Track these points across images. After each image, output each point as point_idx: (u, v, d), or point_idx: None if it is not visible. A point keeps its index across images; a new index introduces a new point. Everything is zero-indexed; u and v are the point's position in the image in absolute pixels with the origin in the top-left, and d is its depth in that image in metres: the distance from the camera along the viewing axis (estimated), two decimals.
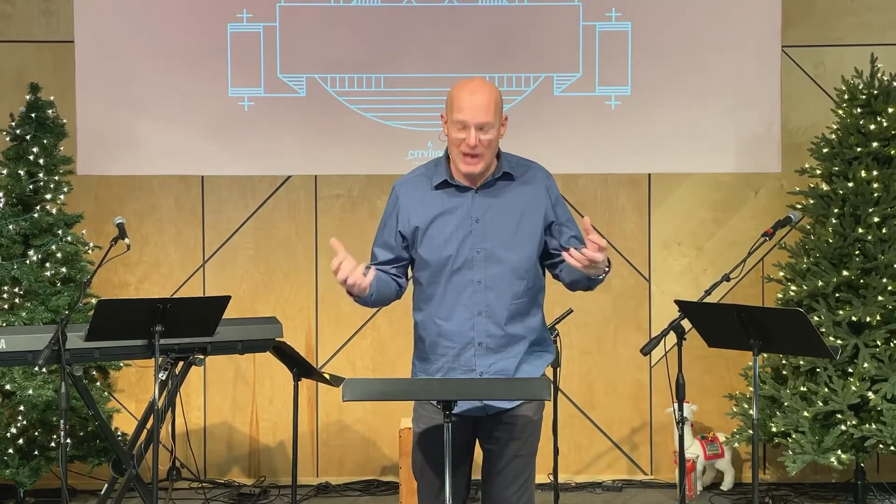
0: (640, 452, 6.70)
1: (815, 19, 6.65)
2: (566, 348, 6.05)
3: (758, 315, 4.45)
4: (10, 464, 5.77)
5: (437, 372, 3.84)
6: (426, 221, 3.79)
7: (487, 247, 3.75)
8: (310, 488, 6.51)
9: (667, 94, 6.60)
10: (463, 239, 3.76)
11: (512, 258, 3.76)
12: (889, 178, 5.96)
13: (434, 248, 3.78)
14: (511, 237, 3.77)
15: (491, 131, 3.69)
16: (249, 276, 6.69)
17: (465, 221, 3.77)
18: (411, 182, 3.88)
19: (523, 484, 3.88)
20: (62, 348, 4.69)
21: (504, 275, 3.76)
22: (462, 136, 3.68)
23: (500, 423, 3.84)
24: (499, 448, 3.85)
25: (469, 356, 3.79)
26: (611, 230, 6.67)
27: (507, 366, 3.79)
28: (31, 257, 5.93)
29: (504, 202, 3.78)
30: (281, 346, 5.42)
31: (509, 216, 3.78)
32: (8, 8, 6.64)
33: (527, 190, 3.81)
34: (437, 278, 3.79)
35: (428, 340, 3.86)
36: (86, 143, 6.57)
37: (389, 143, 6.59)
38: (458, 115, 3.68)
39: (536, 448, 3.92)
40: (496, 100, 3.72)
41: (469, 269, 3.75)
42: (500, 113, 3.74)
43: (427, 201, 3.80)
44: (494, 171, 3.80)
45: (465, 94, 3.69)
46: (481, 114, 3.66)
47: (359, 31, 6.60)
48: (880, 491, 6.28)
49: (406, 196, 3.84)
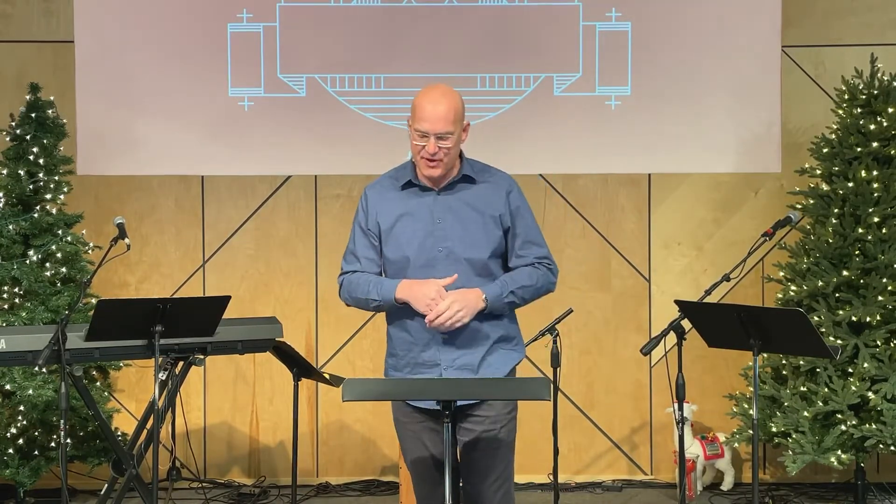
0: (640, 452, 6.70)
1: (815, 19, 6.65)
2: (566, 348, 6.04)
3: (758, 315, 4.45)
4: (10, 464, 5.77)
5: (404, 367, 3.97)
6: (391, 221, 3.99)
7: (448, 245, 3.92)
8: (310, 488, 6.51)
9: (667, 94, 6.59)
10: (425, 238, 3.93)
11: (472, 257, 3.91)
12: (889, 178, 5.96)
13: (398, 247, 3.96)
14: (470, 236, 3.93)
15: (450, 139, 3.89)
16: (249, 276, 6.69)
17: (427, 221, 3.95)
18: (379, 184, 4.12)
19: (499, 477, 3.96)
20: (62, 348, 4.69)
21: (465, 272, 3.90)
22: (423, 144, 3.91)
23: (469, 416, 3.92)
24: (471, 442, 3.93)
25: (433, 352, 3.91)
26: (611, 230, 6.67)
27: (471, 360, 3.91)
28: (31, 257, 5.93)
29: (464, 203, 3.97)
30: (281, 346, 5.42)
31: (468, 216, 3.95)
32: (8, 8, 6.64)
33: (486, 192, 3.99)
34: (401, 276, 3.94)
35: (395, 337, 4.00)
36: (86, 143, 6.57)
37: (389, 143, 6.58)
38: (420, 126, 3.90)
39: (512, 441, 4.01)
40: (457, 109, 3.91)
41: (432, 267, 3.91)
42: (460, 121, 3.93)
43: (393, 201, 4.02)
44: (456, 174, 3.99)
45: (426, 103, 3.91)
46: (440, 124, 3.87)
47: (359, 31, 6.60)
48: (880, 491, 6.28)
49: (374, 197, 4.08)
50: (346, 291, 4.02)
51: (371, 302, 3.93)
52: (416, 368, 3.93)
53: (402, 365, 3.96)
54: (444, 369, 3.89)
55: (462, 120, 3.95)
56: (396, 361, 3.99)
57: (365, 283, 3.95)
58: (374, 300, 3.92)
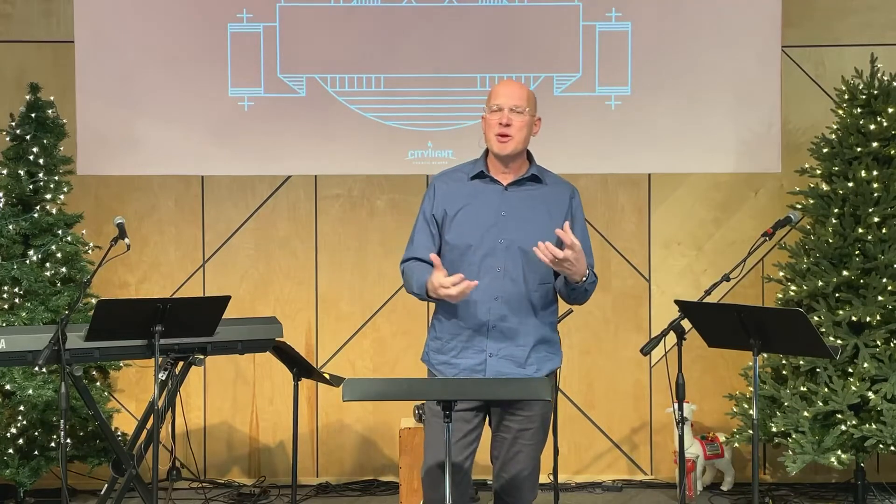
0: (640, 452, 6.70)
1: (815, 19, 6.65)
2: (566, 348, 5.97)
3: (758, 315, 4.45)
4: (10, 464, 5.77)
5: (450, 351, 4.08)
6: (456, 209, 4.10)
7: (509, 237, 4.03)
8: (310, 488, 6.51)
9: (667, 93, 6.59)
10: (488, 228, 4.05)
11: (530, 253, 3.98)
12: (889, 178, 5.96)
13: (461, 234, 4.08)
14: (532, 231, 4.01)
15: (523, 115, 4.05)
16: (249, 276, 6.69)
17: (492, 213, 4.07)
18: (447, 174, 4.26)
19: (531, 472, 4.19)
20: (62, 348, 4.69)
21: (523, 266, 4.02)
22: (496, 118, 4.07)
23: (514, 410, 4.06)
24: (510, 435, 4.10)
25: (482, 338, 4.03)
26: (611, 230, 6.67)
27: (516, 353, 4.04)
28: (31, 257, 5.93)
29: (530, 201, 4.10)
30: (281, 346, 5.42)
31: (533, 213, 4.08)
32: (8, 8, 6.64)
33: (552, 194, 4.14)
34: (461, 262, 4.05)
35: (445, 322, 4.10)
36: (86, 143, 6.57)
37: (389, 143, 6.59)
38: (494, 101, 4.10)
39: (545, 436, 4.21)
40: (530, 94, 4.15)
41: (492, 256, 4.03)
42: (533, 106, 4.15)
43: (460, 190, 4.13)
44: (525, 172, 4.13)
45: (501, 86, 4.16)
46: (514, 98, 4.07)
47: (359, 31, 6.60)
48: (880, 491, 6.28)
49: (441, 186, 4.19)
50: (404, 280, 4.18)
51: (416, 296, 4.08)
52: (464, 353, 4.05)
53: (448, 349, 4.08)
54: (489, 356, 4.02)
55: (535, 105, 4.15)
56: (442, 345, 4.11)
57: (412, 273, 4.10)
58: (415, 293, 4.08)
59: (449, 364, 4.07)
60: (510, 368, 4.03)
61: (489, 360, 4.01)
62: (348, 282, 6.67)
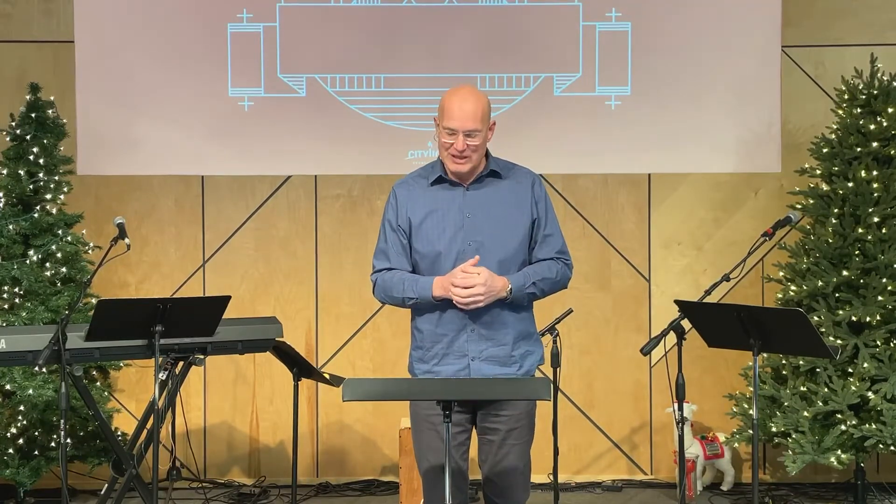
0: (639, 452, 6.70)
1: (815, 19, 6.65)
2: (566, 348, 6.04)
3: (758, 315, 4.45)
4: (10, 464, 5.77)
5: (431, 359, 4.06)
6: (420, 217, 4.07)
7: (478, 239, 4.02)
8: (310, 488, 6.51)
9: (667, 94, 6.60)
10: (455, 232, 4.03)
11: (501, 250, 4.03)
12: (889, 178, 5.96)
13: (429, 242, 4.05)
14: (500, 230, 4.04)
15: (478, 136, 4.00)
16: (249, 276, 6.69)
17: (457, 216, 4.05)
18: (407, 182, 4.18)
19: (523, 470, 4.16)
20: (62, 348, 4.69)
21: (494, 266, 3.99)
22: (451, 141, 3.99)
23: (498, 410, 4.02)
24: (498, 437, 4.06)
25: (462, 342, 4.01)
26: (611, 230, 6.67)
27: (498, 352, 4.03)
28: (31, 257, 5.93)
29: (493, 198, 4.07)
30: (281, 346, 5.42)
31: (497, 211, 4.06)
32: (8, 8, 6.64)
33: (513, 187, 4.11)
34: (432, 271, 4.03)
35: (424, 330, 4.09)
36: (86, 143, 6.57)
37: (389, 143, 6.59)
38: (448, 123, 3.98)
39: (532, 433, 4.17)
40: (484, 108, 4.01)
41: (463, 260, 3.98)
42: (487, 120, 4.03)
43: (422, 197, 4.09)
44: (483, 170, 4.09)
45: (455, 102, 3.99)
46: (469, 122, 3.96)
47: (359, 31, 6.60)
48: (880, 491, 6.28)
49: (403, 194, 4.13)
50: (381, 290, 4.12)
51: (408, 300, 4.04)
52: (445, 359, 4.04)
53: (430, 357, 4.07)
54: (471, 360, 4.01)
55: (488, 119, 4.05)
56: (423, 354, 4.09)
57: (399, 281, 4.05)
58: (410, 298, 4.03)
59: (431, 373, 4.05)
60: (494, 369, 4.01)
61: (472, 364, 4.00)
62: (348, 282, 6.67)
